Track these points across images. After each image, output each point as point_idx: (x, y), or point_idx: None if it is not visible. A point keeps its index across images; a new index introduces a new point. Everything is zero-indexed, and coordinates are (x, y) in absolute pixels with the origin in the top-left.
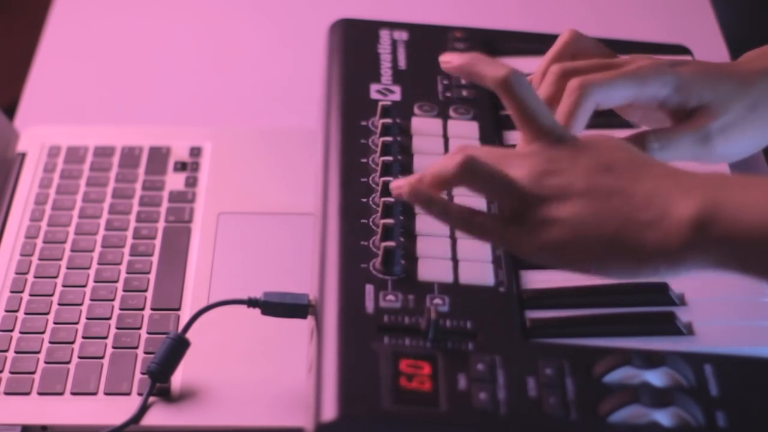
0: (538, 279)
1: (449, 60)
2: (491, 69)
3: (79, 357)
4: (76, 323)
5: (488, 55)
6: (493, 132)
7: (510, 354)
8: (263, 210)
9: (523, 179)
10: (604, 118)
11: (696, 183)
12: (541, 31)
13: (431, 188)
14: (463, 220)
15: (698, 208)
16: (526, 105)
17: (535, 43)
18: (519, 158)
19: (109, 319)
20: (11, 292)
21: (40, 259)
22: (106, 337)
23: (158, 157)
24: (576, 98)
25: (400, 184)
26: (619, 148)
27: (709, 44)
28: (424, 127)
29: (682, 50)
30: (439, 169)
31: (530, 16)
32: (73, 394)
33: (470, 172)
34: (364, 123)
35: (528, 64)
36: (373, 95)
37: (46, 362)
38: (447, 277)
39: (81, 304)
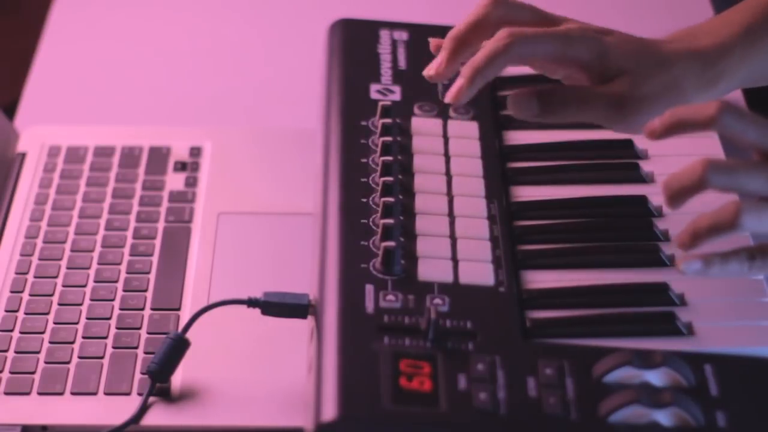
0: (538, 279)
1: (653, 127)
2: (701, 110)
3: (79, 357)
4: (76, 323)
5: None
6: (492, 132)
7: (510, 354)
8: (263, 210)
9: None
10: None
11: None
12: None
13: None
14: None
15: None
16: (746, 127)
17: None
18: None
19: (109, 319)
20: (11, 292)
21: (40, 259)
22: (106, 337)
23: (158, 157)
24: (502, 45)
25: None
26: None
27: None
28: (424, 127)
29: None
30: (712, 218)
31: None
32: (73, 394)
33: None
34: (364, 123)
35: None
36: (373, 95)
37: (46, 362)
38: (447, 277)
39: (81, 304)
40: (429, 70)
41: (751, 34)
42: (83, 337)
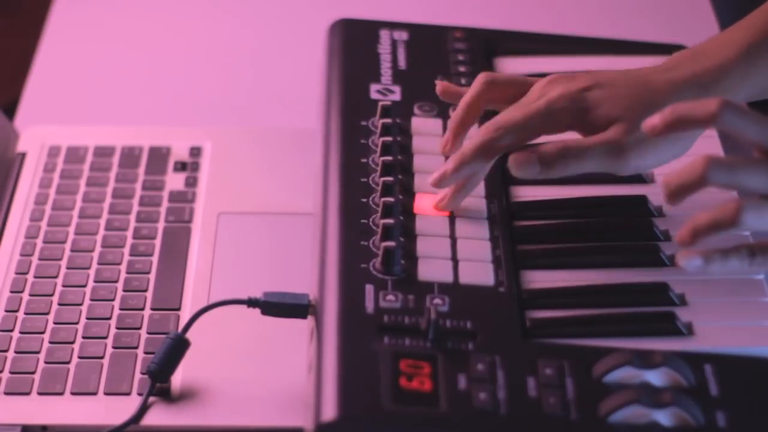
0: (538, 279)
1: (654, 124)
2: (702, 107)
3: (79, 357)
4: (76, 323)
5: (488, 55)
6: None
7: (510, 354)
8: (263, 210)
9: None
10: None
11: None
12: (541, 31)
13: (709, 228)
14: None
15: None
16: (747, 124)
17: (535, 43)
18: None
19: (109, 319)
20: (11, 292)
21: (40, 259)
22: (106, 337)
23: (158, 157)
24: (488, 140)
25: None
26: None
27: None
28: (424, 127)
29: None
30: (713, 215)
31: (530, 16)
32: (73, 394)
33: (718, 173)
34: (364, 123)
35: (528, 65)
36: (373, 95)
37: (46, 362)
38: (447, 277)
39: (81, 304)
40: (440, 147)
41: (752, 53)
42: (83, 337)
